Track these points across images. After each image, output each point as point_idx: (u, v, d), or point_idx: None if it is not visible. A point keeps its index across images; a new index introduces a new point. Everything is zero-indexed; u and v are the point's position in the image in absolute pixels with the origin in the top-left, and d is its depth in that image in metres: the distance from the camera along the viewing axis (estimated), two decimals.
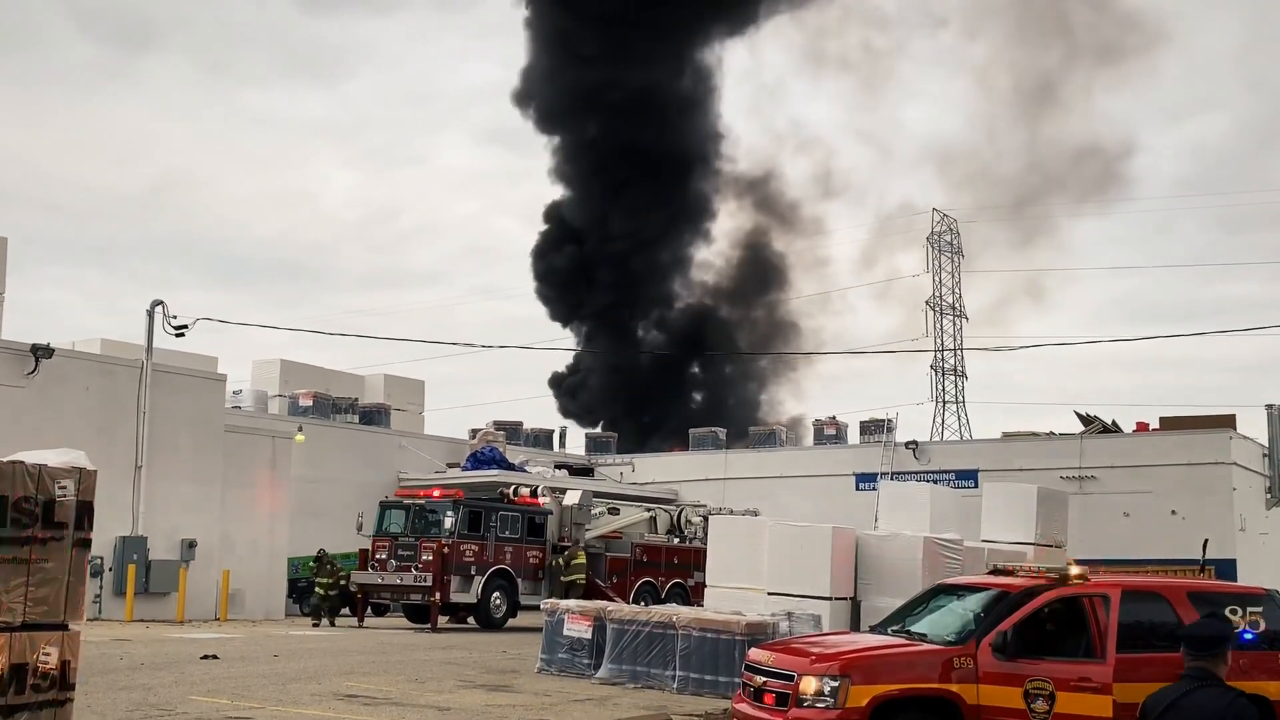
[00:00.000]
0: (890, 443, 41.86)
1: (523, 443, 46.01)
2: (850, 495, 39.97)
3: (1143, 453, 37.07)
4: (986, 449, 40.89)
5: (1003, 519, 26.50)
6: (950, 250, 66.70)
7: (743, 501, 37.90)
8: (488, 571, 28.35)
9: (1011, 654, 10.50)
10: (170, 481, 29.76)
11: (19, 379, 27.46)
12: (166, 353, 31.74)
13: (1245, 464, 36.50)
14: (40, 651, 10.48)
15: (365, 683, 16.51)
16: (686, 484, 43.37)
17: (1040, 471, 34.50)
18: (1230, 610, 11.31)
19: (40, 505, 10.45)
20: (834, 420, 47.07)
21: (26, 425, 25.82)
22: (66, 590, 10.83)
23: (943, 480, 37.01)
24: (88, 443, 21.95)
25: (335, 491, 36.47)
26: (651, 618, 17.86)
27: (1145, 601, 11.38)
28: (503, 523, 29.01)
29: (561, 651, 18.79)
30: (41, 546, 10.47)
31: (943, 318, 65.56)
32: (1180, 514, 35.48)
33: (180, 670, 17.16)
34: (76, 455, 11.18)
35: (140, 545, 28.76)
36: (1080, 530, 31.02)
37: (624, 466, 46.07)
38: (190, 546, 29.96)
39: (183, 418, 30.28)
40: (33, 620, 10.41)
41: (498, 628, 28.25)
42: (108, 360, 30.55)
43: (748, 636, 16.30)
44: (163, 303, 30.21)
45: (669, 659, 17.33)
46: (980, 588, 11.76)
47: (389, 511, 29.41)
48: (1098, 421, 40.34)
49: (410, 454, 40.80)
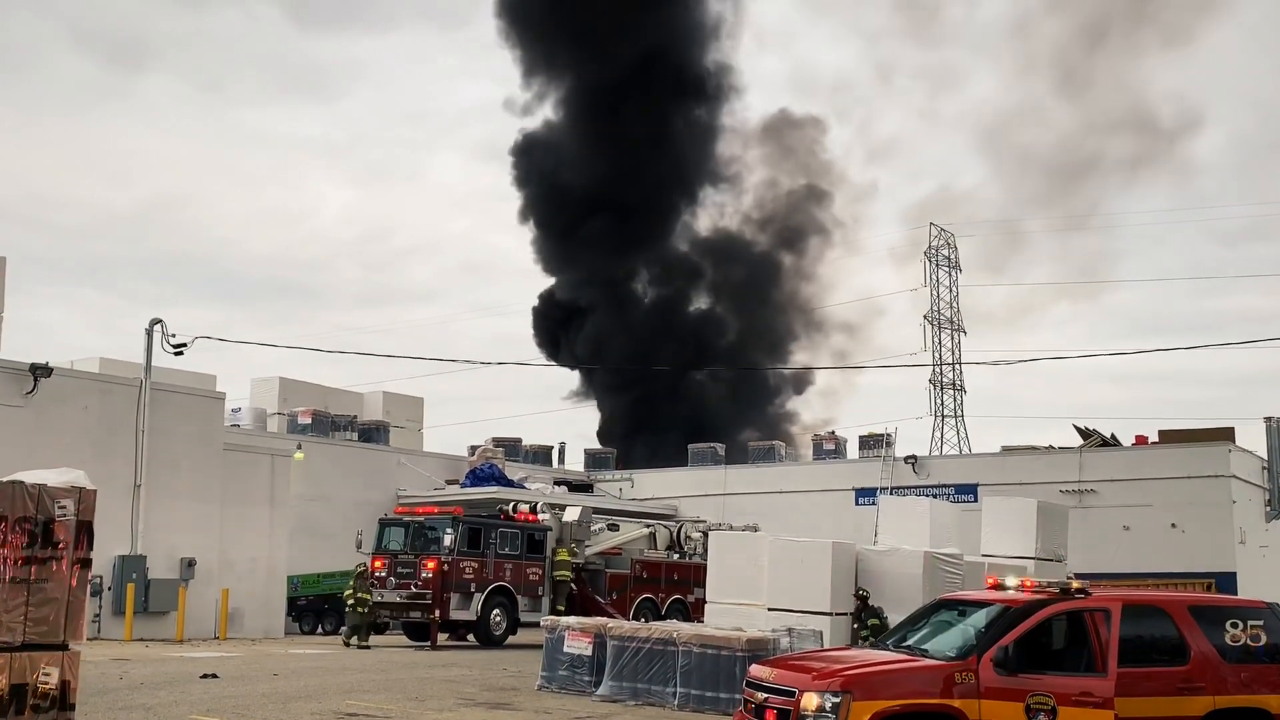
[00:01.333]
0: (889, 457, 41.84)
1: (522, 459, 45.95)
2: (850, 510, 39.97)
3: (1142, 466, 37.05)
4: (986, 463, 40.87)
5: (1003, 533, 26.52)
6: (948, 265, 66.78)
7: (742, 517, 37.89)
8: (487, 589, 28.33)
9: (1013, 669, 10.49)
10: (169, 500, 29.72)
11: (18, 398, 27.44)
12: (165, 371, 31.70)
13: (1245, 477, 36.49)
14: (40, 672, 10.46)
15: (365, 701, 16.47)
16: (686, 499, 43.37)
17: (1040, 485, 34.54)
18: (1231, 624, 11.31)
19: (40, 525, 10.45)
20: (833, 435, 47.06)
21: (25, 445, 25.80)
22: (66, 610, 10.82)
23: (942, 495, 36.97)
24: (86, 462, 21.92)
25: (335, 509, 36.45)
26: (652, 634, 17.83)
27: (1147, 616, 11.37)
28: (502, 539, 28.98)
29: (562, 669, 18.76)
30: (41, 566, 10.47)
31: (940, 332, 65.65)
32: (1180, 527, 35.46)
33: (180, 689, 17.12)
34: (76, 475, 11.18)
35: (139, 564, 28.71)
36: (1080, 544, 30.99)
37: (623, 482, 46.06)
38: (189, 565, 29.90)
39: (181, 436, 30.26)
40: (33, 640, 10.40)
41: (498, 645, 28.20)
42: (106, 379, 30.51)
43: (748, 653, 16.27)
44: (161, 321, 30.21)
45: (670, 676, 17.30)
46: (982, 603, 11.75)
47: (388, 529, 29.38)
48: (1097, 435, 40.33)
49: (409, 471, 40.77)
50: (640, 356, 55.32)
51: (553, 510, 31.78)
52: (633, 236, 59.21)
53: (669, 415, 55.03)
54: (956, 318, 66.45)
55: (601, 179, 57.78)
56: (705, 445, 46.85)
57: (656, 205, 60.58)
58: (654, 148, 58.83)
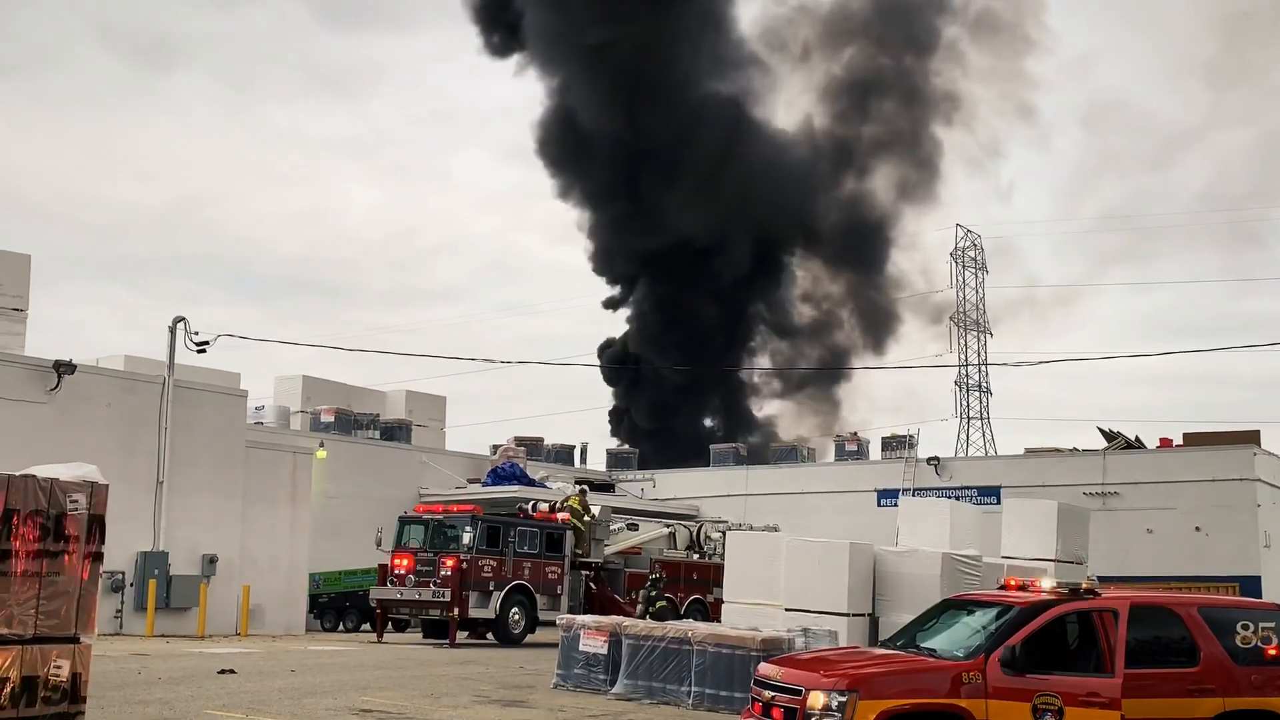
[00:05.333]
0: (912, 459, 41.75)
1: (544, 458, 46.06)
2: (872, 511, 39.86)
3: (1166, 469, 36.85)
4: (1009, 465, 40.73)
5: (1023, 535, 26.37)
6: (975, 266, 66.57)
7: (764, 518, 37.85)
8: (506, 587, 28.37)
9: (1020, 669, 10.45)
10: (192, 497, 29.91)
11: (42, 395, 27.67)
12: (189, 369, 31.93)
13: (1270, 480, 36.23)
14: (51, 664, 10.55)
15: (381, 697, 16.54)
16: (708, 500, 43.36)
17: (1063, 488, 34.36)
18: (1242, 625, 11.24)
19: (51, 519, 10.53)
20: (855, 436, 47.00)
21: (49, 441, 25.99)
22: (78, 603, 10.91)
23: (965, 496, 36.87)
24: (109, 458, 22.18)
25: (356, 507, 36.57)
26: (667, 633, 17.83)
27: (1155, 616, 11.31)
28: (521, 538, 29.03)
29: (578, 667, 18.79)
30: (52, 560, 10.55)
31: (966, 333, 65.45)
32: (1204, 530, 35.25)
33: (197, 685, 17.23)
34: (89, 469, 11.26)
35: (161, 560, 28.90)
36: (1104, 547, 30.83)
37: (645, 482, 46.08)
38: (211, 562, 30.08)
39: (204, 433, 30.44)
40: (44, 633, 10.49)
41: (516, 643, 28.26)
42: (129, 376, 30.73)
43: (763, 652, 16.23)
44: (184, 319, 30.39)
45: (684, 675, 17.29)
46: (989, 603, 11.72)
47: (408, 527, 29.46)
48: (1121, 437, 40.14)
49: (431, 469, 40.91)
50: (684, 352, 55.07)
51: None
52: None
53: (695, 414, 54.97)
54: (983, 319, 66.30)
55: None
56: (727, 445, 46.86)
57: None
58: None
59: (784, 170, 58.84)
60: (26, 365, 28.00)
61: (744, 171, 56.55)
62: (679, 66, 57.52)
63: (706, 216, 55.74)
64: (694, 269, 57.35)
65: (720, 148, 56.47)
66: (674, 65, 57.19)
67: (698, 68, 58.60)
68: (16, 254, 30.53)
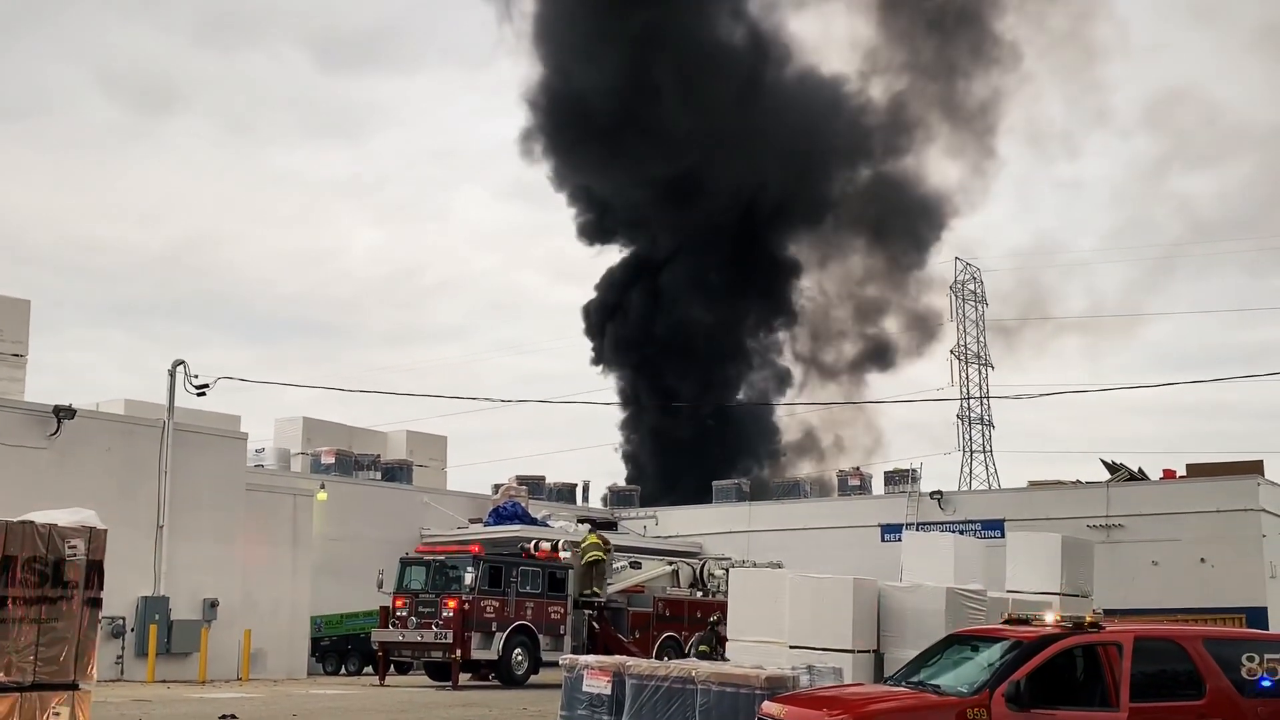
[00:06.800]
0: (915, 493, 41.61)
1: (546, 497, 45.90)
2: (876, 546, 39.67)
3: (1170, 501, 36.70)
4: (1012, 498, 40.57)
5: (1027, 569, 26.26)
6: (974, 299, 66.64)
7: (767, 554, 37.69)
8: (509, 628, 28.22)
9: (1025, 704, 10.37)
10: (192, 541, 29.82)
11: (41, 440, 27.66)
12: (190, 412, 31.88)
13: (1274, 510, 36.07)
14: (50, 711, 10.47)
15: None
16: (710, 536, 43.17)
17: (1067, 520, 34.19)
18: (1247, 657, 11.16)
19: (50, 565, 10.48)
20: (858, 471, 46.86)
21: (49, 486, 25.94)
22: (77, 649, 10.83)
23: (969, 530, 36.71)
24: (109, 503, 22.16)
25: (358, 549, 36.37)
26: (670, 672, 17.67)
27: (1160, 649, 11.23)
28: (523, 578, 28.91)
29: (581, 708, 18.62)
30: (51, 606, 10.49)
31: (968, 366, 65.44)
32: (1209, 562, 35.07)
33: None
34: (87, 515, 11.21)
35: (162, 605, 28.79)
36: (1108, 580, 30.65)
37: (647, 520, 45.90)
38: (212, 606, 29.97)
39: (204, 477, 30.39)
40: (43, 680, 10.41)
41: (519, 684, 28.08)
42: (129, 420, 30.69)
43: (767, 690, 16.09)
44: (184, 362, 30.40)
45: (689, 714, 17.11)
46: (994, 637, 11.65)
47: (409, 568, 29.35)
48: (1124, 470, 40.02)
49: (433, 510, 40.77)
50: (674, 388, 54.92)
51: (574, 548, 31.69)
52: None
53: (699, 449, 54.73)
54: (984, 352, 66.30)
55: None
56: (729, 482, 46.70)
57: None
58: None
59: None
60: (26, 411, 28.01)
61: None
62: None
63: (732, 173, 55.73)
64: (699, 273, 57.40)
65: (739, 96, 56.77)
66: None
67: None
68: (16, 299, 30.61)
